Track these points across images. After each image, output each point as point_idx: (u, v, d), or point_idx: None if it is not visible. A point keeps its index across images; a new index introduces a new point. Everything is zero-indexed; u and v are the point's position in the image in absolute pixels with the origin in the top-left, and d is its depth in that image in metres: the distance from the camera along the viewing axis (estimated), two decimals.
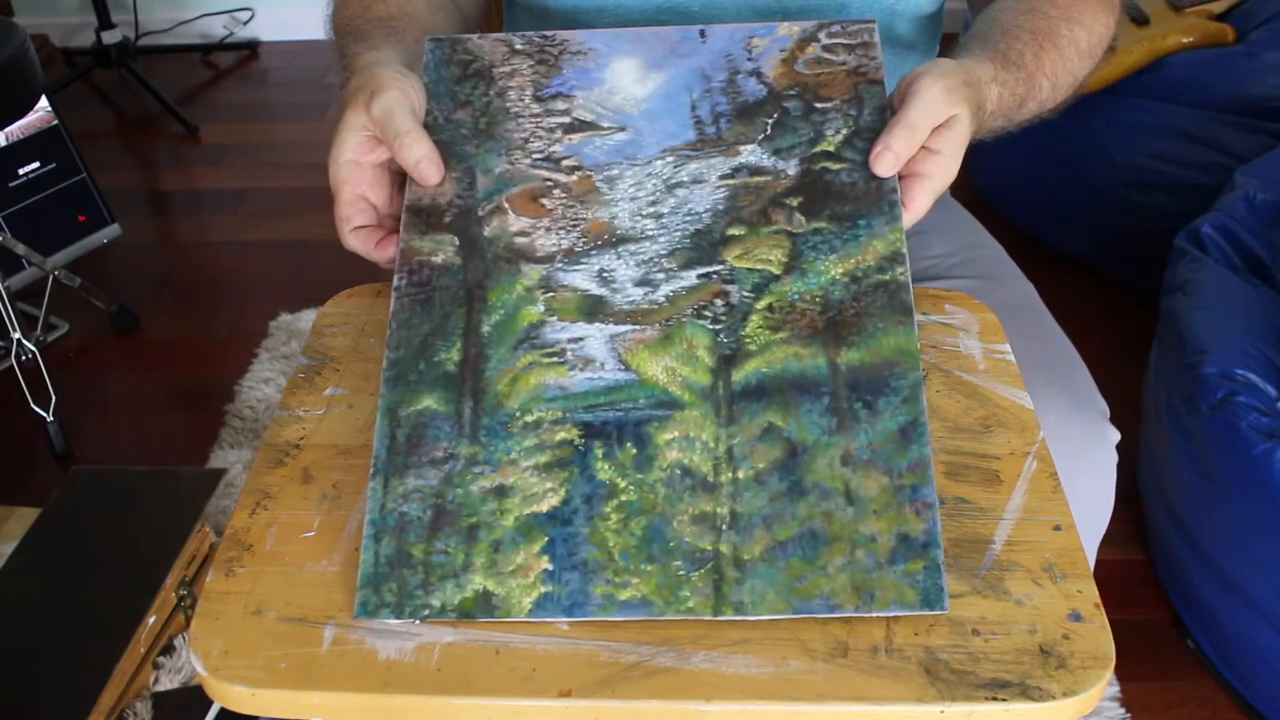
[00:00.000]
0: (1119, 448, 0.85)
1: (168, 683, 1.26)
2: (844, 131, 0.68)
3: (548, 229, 0.64)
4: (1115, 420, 0.85)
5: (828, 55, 0.70)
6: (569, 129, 0.68)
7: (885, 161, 0.66)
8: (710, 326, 0.61)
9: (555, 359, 0.61)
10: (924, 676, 0.55)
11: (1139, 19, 1.81)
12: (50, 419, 1.70)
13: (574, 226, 0.64)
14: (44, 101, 1.98)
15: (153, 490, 1.37)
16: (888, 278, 0.64)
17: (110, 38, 2.65)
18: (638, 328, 0.61)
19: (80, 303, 1.95)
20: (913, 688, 0.55)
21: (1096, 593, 0.59)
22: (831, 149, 0.67)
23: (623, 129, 0.67)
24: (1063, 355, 0.87)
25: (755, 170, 0.66)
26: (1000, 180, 2.01)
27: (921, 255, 0.94)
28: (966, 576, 0.60)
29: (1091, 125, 1.83)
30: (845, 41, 0.71)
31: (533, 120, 0.68)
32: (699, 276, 0.63)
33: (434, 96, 0.70)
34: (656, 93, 0.68)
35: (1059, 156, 1.88)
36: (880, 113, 0.68)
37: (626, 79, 0.69)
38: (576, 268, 0.63)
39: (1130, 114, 1.79)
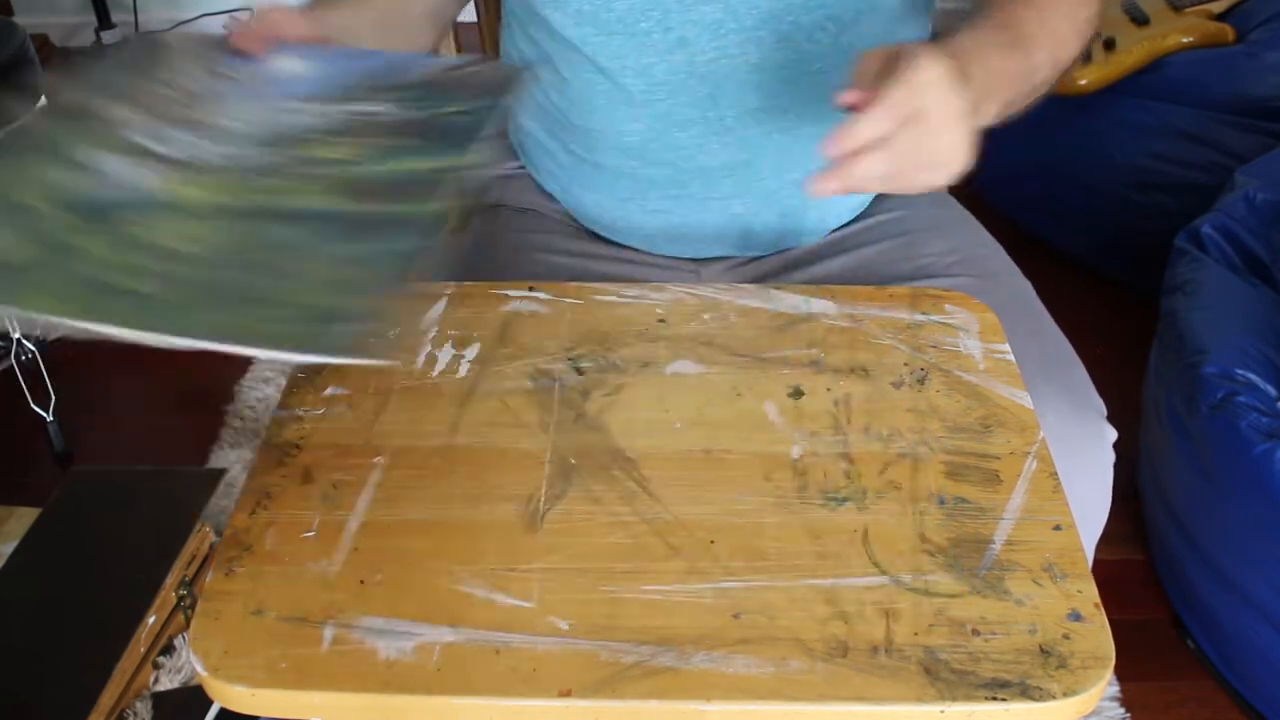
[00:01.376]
0: (1115, 447, 0.85)
1: (168, 683, 1.26)
2: (463, 104, 0.75)
3: (154, 119, 0.70)
4: (1115, 420, 0.85)
5: (471, 68, 0.80)
6: (219, 80, 0.74)
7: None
8: (270, 179, 0.67)
9: (70, 171, 0.65)
10: (924, 676, 0.55)
11: (1139, 19, 1.81)
12: (50, 419, 1.70)
13: (175, 119, 0.70)
14: (44, 101, 1.98)
15: (153, 490, 1.37)
16: (443, 174, 0.68)
17: (110, 38, 2.65)
18: (181, 171, 0.66)
19: None
20: (913, 687, 0.55)
21: (1096, 592, 0.59)
22: (454, 108, 0.75)
23: (269, 83, 0.74)
24: (1059, 354, 0.87)
25: (374, 114, 0.73)
26: (1000, 179, 2.01)
27: (919, 253, 0.94)
28: (966, 576, 0.60)
29: (1091, 125, 1.83)
30: (485, 71, 0.81)
31: (192, 79, 0.74)
32: (267, 151, 0.69)
33: (110, 63, 0.76)
34: (310, 69, 0.76)
35: (1059, 156, 1.88)
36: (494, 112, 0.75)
37: (292, 64, 0.76)
38: (154, 130, 0.68)
39: (1130, 114, 1.79)
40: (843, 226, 0.98)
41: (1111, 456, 0.84)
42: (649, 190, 0.93)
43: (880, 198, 1.01)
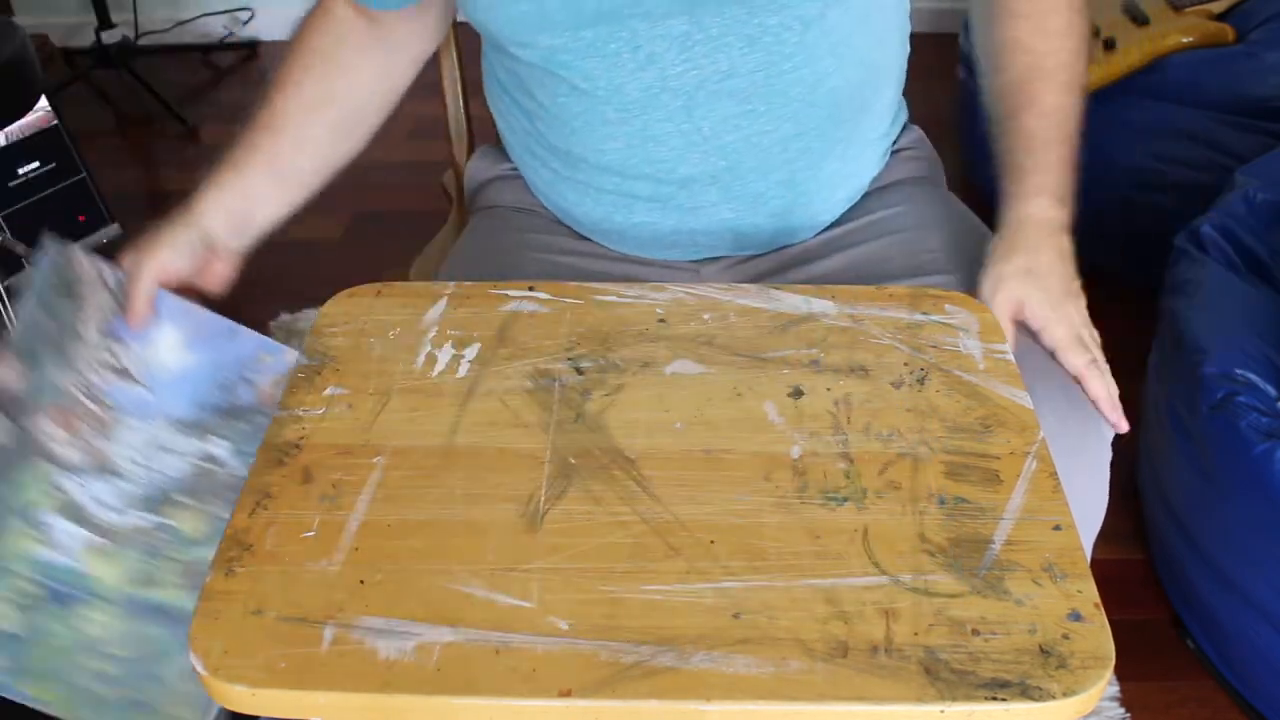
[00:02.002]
0: (1115, 446, 0.85)
1: None
2: None
3: (69, 442, 0.78)
4: None
5: None
6: (111, 369, 0.81)
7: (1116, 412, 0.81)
8: (147, 561, 0.75)
9: (35, 534, 0.75)
10: (924, 676, 0.55)
11: (1139, 19, 1.81)
12: None
13: (86, 447, 0.78)
14: (43, 101, 1.98)
15: None
16: None
17: (110, 38, 2.65)
18: (97, 537, 0.76)
19: None
20: (913, 688, 0.55)
21: (1096, 592, 0.59)
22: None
23: (147, 387, 0.81)
24: None
25: (214, 460, 0.78)
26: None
27: (919, 250, 0.94)
28: (966, 576, 0.60)
29: (1091, 125, 1.82)
30: None
31: (91, 349, 0.81)
32: (145, 518, 0.77)
33: (36, 294, 0.82)
34: (179, 369, 0.81)
35: None
36: None
37: (164, 346, 0.82)
38: (74, 477, 0.77)
39: (1130, 114, 1.79)
40: (840, 223, 0.98)
41: (1109, 456, 0.85)
42: (633, 204, 0.93)
43: (875, 194, 1.00)
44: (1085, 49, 0.90)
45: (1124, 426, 0.81)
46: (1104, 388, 0.80)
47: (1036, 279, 0.82)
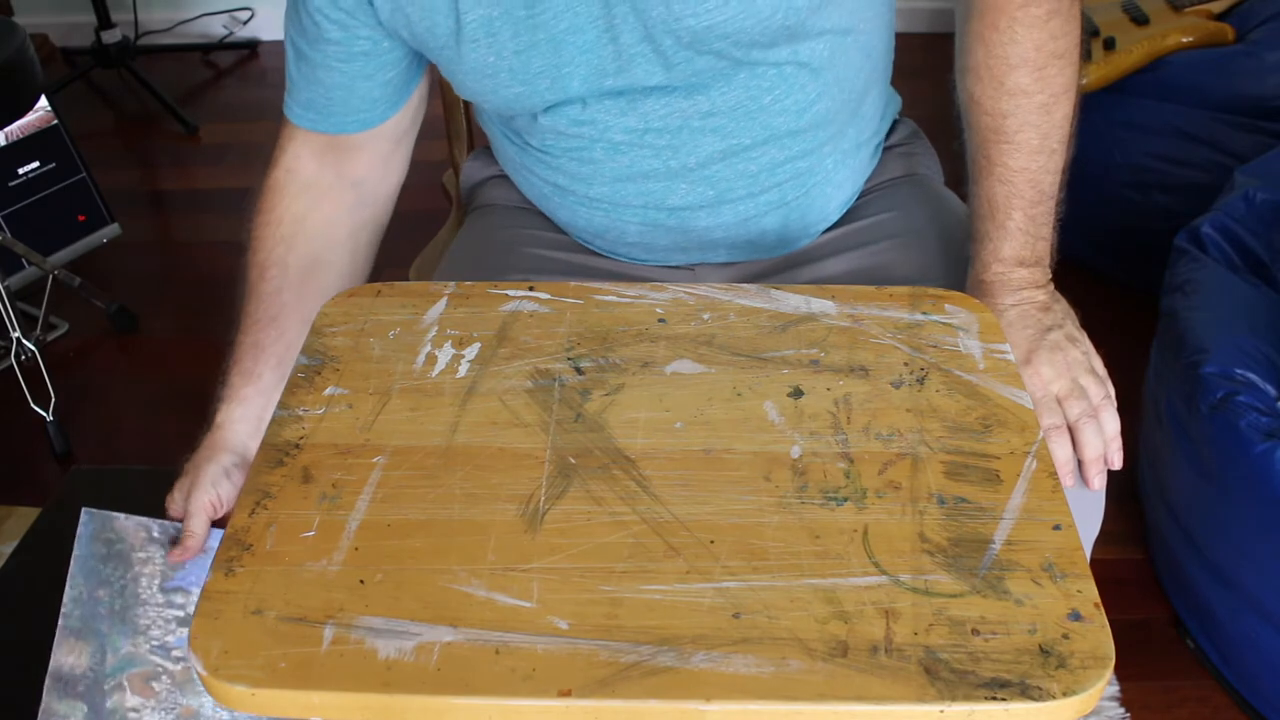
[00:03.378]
0: None
1: None
2: None
3: (154, 708, 0.78)
4: None
5: None
6: (182, 622, 0.80)
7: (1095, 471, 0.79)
8: None
9: None
10: (924, 676, 0.55)
11: (1139, 19, 1.81)
12: (50, 419, 1.70)
13: (172, 709, 0.78)
14: (44, 101, 1.98)
15: (153, 490, 1.37)
16: None
17: (110, 37, 2.65)
18: None
19: (80, 303, 1.95)
20: (912, 687, 0.55)
21: (1096, 592, 0.59)
22: None
23: None
24: None
25: None
26: None
27: (919, 252, 0.94)
28: (966, 576, 0.60)
29: (1091, 125, 1.83)
30: None
31: (156, 609, 0.81)
32: None
33: (82, 569, 0.82)
34: None
35: None
36: None
37: None
38: None
39: (1130, 114, 1.79)
40: (836, 226, 0.98)
41: None
42: (625, 227, 0.93)
43: (871, 195, 1.00)
44: (1069, 94, 0.84)
45: (1094, 486, 0.80)
46: (1062, 452, 0.79)
47: None
